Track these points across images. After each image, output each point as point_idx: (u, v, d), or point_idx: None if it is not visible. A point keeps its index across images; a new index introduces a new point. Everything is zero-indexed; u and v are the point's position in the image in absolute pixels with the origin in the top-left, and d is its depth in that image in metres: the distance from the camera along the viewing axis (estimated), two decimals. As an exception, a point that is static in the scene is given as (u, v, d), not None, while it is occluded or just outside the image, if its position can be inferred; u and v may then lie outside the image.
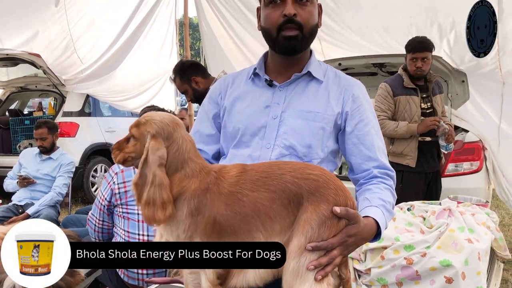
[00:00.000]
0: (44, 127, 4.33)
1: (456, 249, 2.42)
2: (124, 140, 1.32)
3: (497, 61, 4.04)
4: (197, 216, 1.24)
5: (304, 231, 1.21)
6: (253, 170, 1.30)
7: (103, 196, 2.57)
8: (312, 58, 1.57)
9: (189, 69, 3.37)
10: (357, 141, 1.50)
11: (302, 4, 1.45)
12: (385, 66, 4.51)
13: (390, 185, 1.49)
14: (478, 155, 4.04)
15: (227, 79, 1.66)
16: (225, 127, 1.60)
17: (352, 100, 1.51)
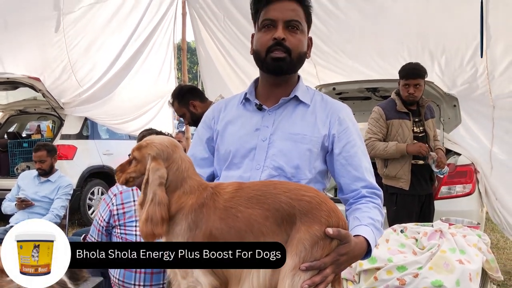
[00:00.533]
0: (43, 150, 4.39)
1: (447, 269, 2.46)
2: (127, 162, 1.41)
3: (487, 85, 4.15)
4: (195, 230, 1.31)
5: (298, 251, 1.26)
6: (249, 188, 1.36)
7: (102, 217, 2.62)
8: (300, 83, 1.65)
9: (187, 93, 3.46)
10: (345, 162, 1.57)
11: (292, 31, 1.54)
12: (379, 90, 4.61)
13: (378, 204, 1.55)
14: (470, 178, 4.10)
15: (220, 104, 1.74)
16: (218, 150, 1.67)
17: (338, 123, 1.58)
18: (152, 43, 6.20)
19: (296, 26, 1.54)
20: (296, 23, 1.54)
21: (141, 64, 6.41)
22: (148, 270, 2.52)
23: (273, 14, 1.54)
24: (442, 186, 4.07)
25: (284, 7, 1.54)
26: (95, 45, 5.99)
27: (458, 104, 4.34)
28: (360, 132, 1.65)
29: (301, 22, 1.56)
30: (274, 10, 1.54)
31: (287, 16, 1.53)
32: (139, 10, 5.73)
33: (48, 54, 6.04)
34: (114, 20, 5.77)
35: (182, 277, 1.36)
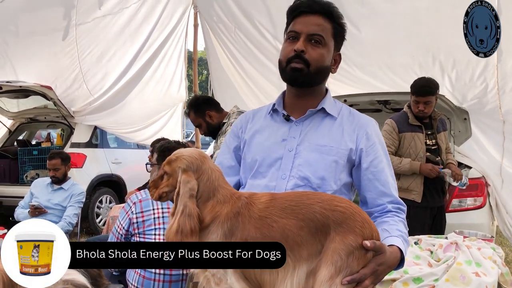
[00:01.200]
0: (57, 158, 4.44)
1: (464, 282, 2.48)
2: (158, 177, 1.45)
3: (497, 100, 4.16)
4: (230, 237, 1.33)
5: (333, 260, 1.27)
6: (283, 198, 1.39)
7: (121, 225, 2.65)
8: (328, 96, 1.68)
9: (204, 103, 3.51)
10: (373, 177, 1.60)
11: (314, 45, 1.58)
12: (390, 103, 4.65)
13: (403, 218, 1.59)
14: (481, 191, 4.12)
15: (248, 115, 1.79)
16: (244, 158, 1.71)
17: (366, 138, 1.61)
18: (163, 53, 6.28)
19: (319, 40, 1.58)
20: (319, 37, 1.58)
21: (152, 74, 6.48)
22: (167, 278, 2.55)
23: (298, 27, 1.59)
24: (453, 199, 4.09)
25: (310, 21, 1.59)
26: (107, 54, 6.06)
27: (468, 118, 4.37)
28: (385, 146, 1.68)
29: (325, 37, 1.59)
30: (300, 23, 1.59)
31: (311, 30, 1.58)
32: (151, 21, 5.81)
33: (60, 63, 6.12)
34: (127, 30, 5.85)
35: (216, 283, 1.38)
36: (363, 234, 1.31)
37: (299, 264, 1.31)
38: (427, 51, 4.42)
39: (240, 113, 3.44)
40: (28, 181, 6.83)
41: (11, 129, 7.57)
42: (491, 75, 4.04)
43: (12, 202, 6.48)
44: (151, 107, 6.95)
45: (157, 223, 2.61)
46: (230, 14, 5.31)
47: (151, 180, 1.49)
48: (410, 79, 4.43)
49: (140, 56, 6.11)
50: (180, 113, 7.42)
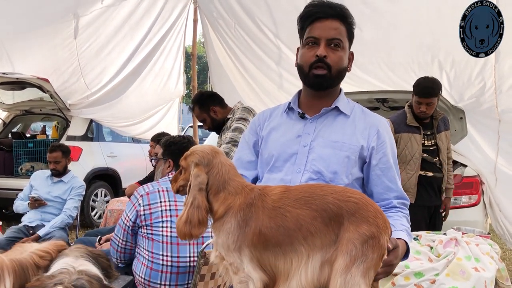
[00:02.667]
0: (58, 151, 4.45)
1: (464, 276, 2.55)
2: (178, 172, 1.55)
3: (494, 99, 4.24)
4: (245, 227, 1.40)
5: (348, 250, 1.33)
6: (296, 190, 1.45)
7: (128, 217, 2.68)
8: (341, 95, 1.78)
9: (208, 99, 3.56)
10: (381, 173, 1.70)
11: (333, 49, 1.67)
12: (387, 101, 4.72)
13: (406, 214, 1.72)
14: (476, 189, 4.21)
15: (266, 113, 1.89)
16: (261, 154, 1.80)
17: (377, 136, 1.70)
18: (162, 48, 6.28)
19: (338, 44, 1.67)
20: (338, 41, 1.67)
21: (151, 69, 6.48)
22: (174, 270, 2.59)
23: (316, 33, 1.68)
24: (449, 196, 4.18)
25: (327, 26, 1.67)
26: (106, 49, 6.04)
27: (464, 117, 4.46)
28: (394, 145, 1.78)
29: (343, 39, 1.69)
30: (318, 29, 1.68)
31: (330, 34, 1.66)
32: (151, 16, 5.79)
33: (58, 57, 6.08)
34: (126, 24, 5.83)
35: (234, 272, 1.44)
36: (376, 223, 1.37)
37: (313, 253, 1.36)
38: (427, 50, 4.48)
39: (244, 109, 3.48)
40: (23, 174, 6.83)
41: (5, 121, 7.53)
42: (489, 75, 4.12)
43: (6, 195, 6.48)
44: (148, 102, 6.96)
45: (164, 215, 2.64)
46: (230, 10, 5.33)
47: (173, 175, 1.57)
48: (409, 78, 4.52)
49: (139, 51, 6.10)
50: (177, 108, 7.44)
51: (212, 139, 9.73)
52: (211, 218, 1.50)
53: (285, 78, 5.23)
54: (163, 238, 2.60)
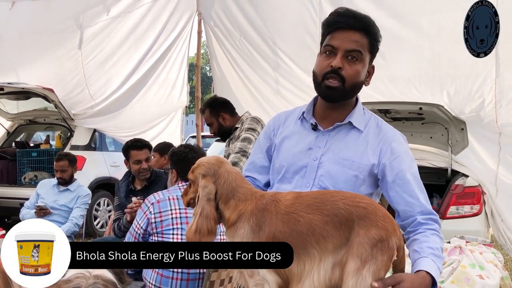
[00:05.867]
0: (65, 160, 4.51)
1: (468, 284, 2.61)
2: (188, 186, 1.60)
3: (493, 114, 4.28)
4: (259, 232, 1.44)
5: (359, 253, 1.38)
6: (308, 196, 1.50)
7: (139, 225, 2.73)
8: (357, 107, 1.71)
9: (220, 105, 3.68)
10: (400, 189, 1.62)
11: (351, 61, 1.61)
12: (390, 112, 4.78)
13: (435, 229, 1.58)
14: (477, 199, 4.27)
15: (281, 117, 1.85)
16: (273, 162, 1.79)
17: (390, 152, 1.64)
18: (166, 60, 6.36)
19: (356, 56, 1.61)
20: (356, 53, 1.61)
21: (155, 80, 6.55)
22: (185, 277, 2.63)
23: (335, 42, 1.61)
24: (450, 206, 4.24)
25: (348, 37, 1.61)
26: (111, 60, 6.12)
27: (465, 128, 4.52)
28: (414, 159, 1.69)
29: (363, 52, 1.62)
30: (338, 39, 1.61)
31: (348, 46, 1.60)
32: (156, 27, 5.89)
33: (63, 67, 6.17)
34: (131, 36, 5.92)
35: (249, 275, 1.47)
36: (385, 227, 1.41)
37: (325, 256, 1.41)
38: (428, 65, 4.52)
39: (253, 119, 3.56)
40: (26, 183, 6.85)
41: (9, 130, 7.58)
42: (489, 89, 4.17)
43: (9, 204, 6.50)
44: (152, 112, 7.02)
45: (175, 223, 2.69)
46: (235, 22, 5.41)
47: (184, 189, 1.62)
48: (410, 92, 4.60)
49: (143, 62, 6.19)
50: (179, 118, 7.50)
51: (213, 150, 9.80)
52: (223, 226, 1.54)
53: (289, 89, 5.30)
54: (174, 245, 2.65)
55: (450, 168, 4.49)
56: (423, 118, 4.75)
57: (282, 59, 5.20)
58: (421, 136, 4.92)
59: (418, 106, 4.44)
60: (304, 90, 4.97)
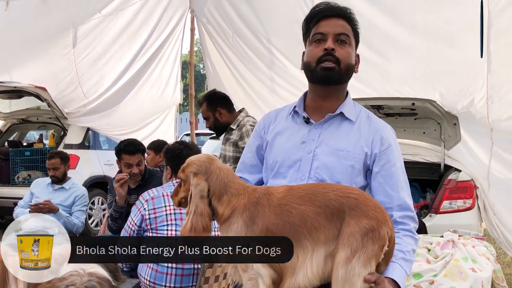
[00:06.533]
0: (57, 157, 4.49)
1: (461, 277, 2.64)
2: (178, 185, 1.60)
3: (485, 110, 4.29)
4: (252, 225, 1.46)
5: (349, 243, 1.40)
6: (299, 188, 1.52)
7: (133, 222, 2.74)
8: (348, 99, 1.75)
9: (218, 100, 3.67)
10: (383, 181, 1.65)
11: (341, 44, 1.67)
12: (383, 108, 4.80)
13: (409, 230, 1.62)
14: (470, 193, 4.30)
15: (271, 115, 1.87)
16: (266, 159, 1.80)
17: (380, 143, 1.67)
18: (159, 57, 6.35)
19: (345, 40, 1.67)
20: (345, 36, 1.68)
21: (148, 77, 6.55)
22: (179, 272, 2.64)
23: (323, 29, 1.68)
24: (444, 201, 4.27)
25: (334, 23, 1.68)
26: (104, 58, 6.11)
27: (458, 123, 4.54)
28: (400, 152, 1.73)
29: (350, 36, 1.69)
30: (325, 26, 1.68)
31: (337, 30, 1.67)
32: (149, 25, 5.87)
33: (56, 66, 6.14)
34: (124, 34, 5.91)
35: (243, 270, 1.49)
36: (376, 217, 1.43)
37: (318, 248, 1.43)
38: (421, 62, 4.54)
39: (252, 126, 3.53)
40: (20, 182, 6.82)
41: (2, 129, 7.55)
42: (481, 85, 4.19)
43: (3, 203, 6.46)
44: (145, 110, 7.02)
45: (169, 219, 2.70)
46: (228, 20, 5.41)
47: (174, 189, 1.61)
48: (403, 89, 4.62)
49: (136, 60, 6.18)
50: (173, 116, 7.50)
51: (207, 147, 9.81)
52: (217, 222, 1.55)
53: (283, 87, 5.31)
54: (169, 242, 2.66)
55: (443, 163, 4.51)
56: (416, 114, 4.78)
57: (276, 57, 5.20)
58: (414, 131, 4.95)
59: (410, 101, 4.46)
60: (299, 88, 4.97)
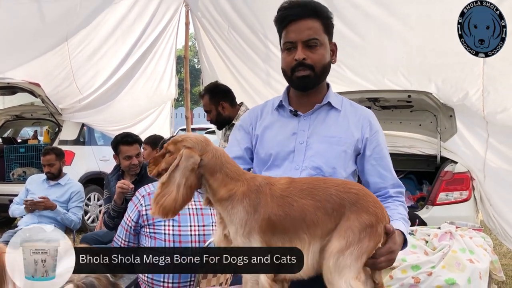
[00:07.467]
0: (52, 154, 4.47)
1: (459, 268, 2.65)
2: (160, 156, 1.51)
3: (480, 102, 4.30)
4: (254, 213, 1.44)
5: (346, 235, 1.41)
6: (301, 181, 1.52)
7: (130, 218, 2.72)
8: (330, 90, 1.81)
9: (221, 93, 3.61)
10: (375, 163, 1.75)
11: (312, 49, 1.68)
12: (379, 100, 4.81)
13: (402, 201, 1.77)
14: (467, 185, 4.31)
15: (256, 111, 1.90)
16: (257, 153, 1.82)
17: (369, 128, 1.76)
18: (154, 52, 6.32)
19: (315, 43, 1.68)
20: (314, 40, 1.68)
21: (142, 72, 6.51)
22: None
23: (291, 36, 1.69)
24: (440, 193, 4.28)
25: (301, 27, 1.68)
26: (99, 53, 6.06)
27: (454, 115, 4.55)
28: (384, 136, 1.83)
29: (319, 37, 1.69)
30: (292, 32, 1.69)
31: (304, 36, 1.67)
32: (143, 19, 5.83)
33: (50, 61, 6.08)
34: (119, 28, 5.86)
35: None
36: (375, 213, 1.45)
37: (314, 241, 1.44)
38: (417, 54, 4.51)
39: None
40: (15, 179, 6.78)
41: (-5, 126, 7.51)
42: (477, 76, 4.19)
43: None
44: (140, 105, 6.99)
45: (166, 215, 2.68)
46: (223, 13, 5.37)
47: (152, 157, 1.53)
48: (398, 81, 4.61)
49: (131, 55, 6.14)
50: (169, 111, 7.47)
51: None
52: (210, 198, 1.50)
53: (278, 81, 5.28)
54: (166, 237, 2.65)
55: (439, 155, 4.53)
56: (412, 106, 4.79)
57: (272, 51, 5.17)
58: (410, 123, 4.96)
59: (406, 94, 4.48)
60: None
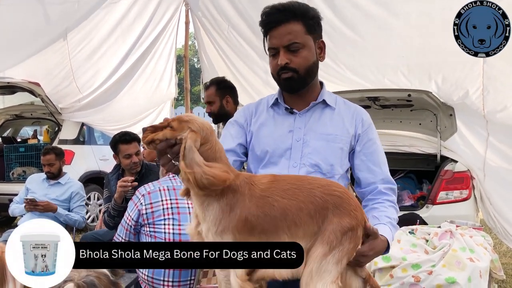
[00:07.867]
0: (52, 153, 4.46)
1: (459, 267, 2.65)
2: (160, 126, 1.43)
3: (481, 101, 4.30)
4: (229, 212, 1.41)
5: (329, 240, 1.40)
6: (284, 180, 1.49)
7: (130, 217, 2.72)
8: (324, 88, 1.81)
9: (228, 87, 3.60)
10: (365, 158, 1.76)
11: (294, 52, 1.68)
12: (379, 99, 4.81)
13: (392, 201, 1.73)
14: (467, 184, 4.32)
15: (250, 108, 1.89)
16: (253, 150, 1.82)
17: (362, 124, 1.77)
18: (154, 51, 6.31)
19: (296, 47, 1.68)
20: (295, 44, 1.68)
21: (142, 72, 6.51)
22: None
23: (273, 42, 1.70)
24: (440, 192, 4.28)
25: (282, 32, 1.68)
26: (99, 52, 6.05)
27: (454, 114, 4.56)
28: (376, 131, 1.84)
29: (301, 40, 1.68)
30: (274, 38, 1.70)
31: (285, 41, 1.67)
32: (143, 18, 5.83)
33: (50, 61, 6.08)
34: (119, 27, 5.86)
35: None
36: (356, 217, 1.44)
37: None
38: (417, 53, 4.52)
39: None
40: (15, 178, 6.78)
41: (-5, 126, 7.50)
42: (477, 75, 4.19)
43: (-2, 199, 6.44)
44: (140, 105, 6.98)
45: (166, 213, 2.68)
46: (223, 12, 5.37)
47: (151, 125, 1.46)
48: (398, 80, 4.62)
49: (131, 54, 6.13)
50: (168, 110, 7.46)
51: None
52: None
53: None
54: (166, 236, 2.65)
55: (439, 154, 4.53)
56: (412, 105, 4.79)
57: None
58: (410, 122, 4.97)
59: (406, 93, 4.48)
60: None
